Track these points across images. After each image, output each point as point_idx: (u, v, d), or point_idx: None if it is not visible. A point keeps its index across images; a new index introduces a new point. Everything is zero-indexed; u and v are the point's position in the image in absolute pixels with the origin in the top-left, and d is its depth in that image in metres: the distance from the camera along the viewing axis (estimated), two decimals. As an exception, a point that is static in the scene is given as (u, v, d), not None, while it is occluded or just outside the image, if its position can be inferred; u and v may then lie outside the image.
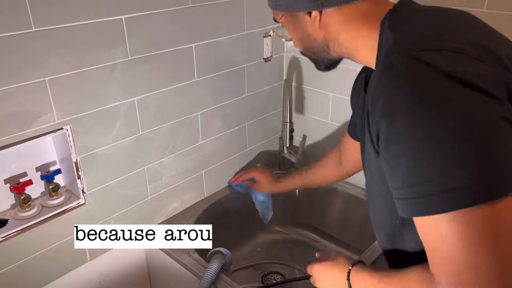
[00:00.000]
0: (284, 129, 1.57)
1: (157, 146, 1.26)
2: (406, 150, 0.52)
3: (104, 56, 1.05)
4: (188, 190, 1.42)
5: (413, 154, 0.51)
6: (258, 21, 1.42)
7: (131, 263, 1.33)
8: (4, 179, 1.03)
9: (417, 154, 0.51)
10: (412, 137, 0.51)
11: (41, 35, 0.92)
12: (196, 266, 1.18)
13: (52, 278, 1.13)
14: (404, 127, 0.52)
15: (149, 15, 1.10)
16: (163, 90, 1.21)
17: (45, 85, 0.96)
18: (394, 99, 0.53)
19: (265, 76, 1.53)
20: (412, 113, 0.51)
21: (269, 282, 1.41)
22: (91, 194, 1.14)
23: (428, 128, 0.50)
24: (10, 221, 1.03)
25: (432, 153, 0.50)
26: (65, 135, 1.03)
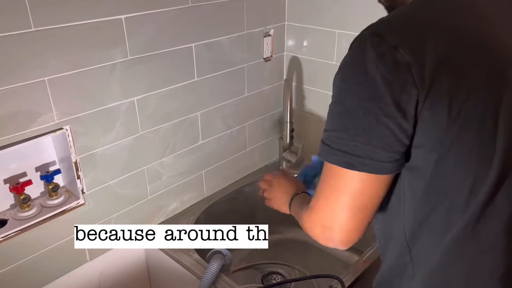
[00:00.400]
0: (284, 129, 1.57)
1: (157, 146, 1.26)
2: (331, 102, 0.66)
3: (104, 56, 1.05)
4: (188, 190, 1.41)
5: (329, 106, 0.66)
6: (258, 21, 1.42)
7: (131, 263, 1.33)
8: (4, 179, 1.03)
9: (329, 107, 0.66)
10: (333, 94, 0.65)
11: (40, 35, 0.92)
12: (196, 266, 1.18)
13: (52, 278, 1.13)
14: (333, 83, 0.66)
15: (149, 15, 1.10)
16: (163, 90, 1.21)
17: (44, 85, 0.96)
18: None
19: (265, 76, 1.53)
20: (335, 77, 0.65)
21: (269, 282, 1.41)
22: (91, 194, 1.13)
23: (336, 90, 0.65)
24: (10, 221, 1.02)
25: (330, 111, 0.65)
26: (65, 135, 1.03)
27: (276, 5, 1.46)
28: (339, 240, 0.67)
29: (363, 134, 0.60)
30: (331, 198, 0.66)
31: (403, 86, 0.58)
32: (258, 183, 1.06)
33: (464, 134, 0.60)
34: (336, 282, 1.08)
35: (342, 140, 0.62)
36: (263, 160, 1.67)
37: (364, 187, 0.63)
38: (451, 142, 0.60)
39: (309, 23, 1.47)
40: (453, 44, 0.61)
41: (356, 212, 0.64)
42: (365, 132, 0.60)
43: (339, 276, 1.09)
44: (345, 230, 0.66)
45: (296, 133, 1.63)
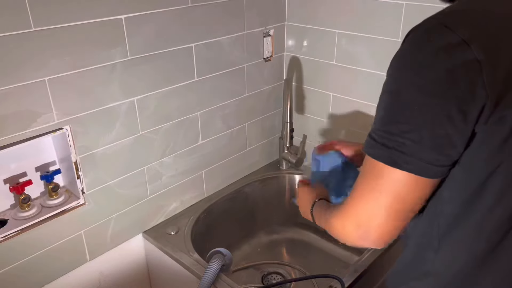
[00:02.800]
0: (284, 129, 1.57)
1: (157, 146, 1.26)
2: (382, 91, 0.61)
3: (104, 56, 1.05)
4: (188, 190, 1.41)
5: (380, 96, 0.61)
6: (258, 21, 1.42)
7: (131, 263, 1.33)
8: (4, 179, 1.03)
9: (380, 98, 0.61)
10: (385, 83, 0.60)
11: (40, 35, 0.92)
12: (196, 266, 1.18)
13: (52, 278, 1.13)
14: (388, 72, 0.60)
15: (149, 15, 1.10)
16: (163, 90, 1.21)
17: (44, 85, 0.96)
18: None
19: (265, 76, 1.53)
20: (391, 65, 0.59)
21: (269, 282, 1.41)
22: (91, 194, 1.13)
23: (390, 79, 0.59)
24: (10, 221, 1.03)
25: (382, 102, 0.60)
26: (65, 135, 1.03)
27: (276, 5, 1.46)
28: (372, 240, 0.63)
29: (415, 131, 0.55)
30: (370, 197, 0.62)
31: (470, 87, 0.52)
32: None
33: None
34: (336, 282, 1.08)
35: (390, 134, 0.58)
36: (263, 160, 1.67)
37: (407, 190, 0.59)
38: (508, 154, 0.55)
39: (309, 23, 1.47)
40: None
41: (395, 215, 0.61)
42: (418, 129, 0.55)
43: (339, 276, 1.09)
44: (381, 231, 0.62)
45: (296, 133, 1.63)
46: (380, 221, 0.61)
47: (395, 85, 0.58)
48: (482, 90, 0.52)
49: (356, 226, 0.64)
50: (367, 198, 0.62)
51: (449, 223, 0.64)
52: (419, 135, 0.55)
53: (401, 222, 0.62)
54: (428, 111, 0.55)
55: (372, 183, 0.61)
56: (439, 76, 0.53)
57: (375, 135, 0.60)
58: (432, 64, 0.54)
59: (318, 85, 1.54)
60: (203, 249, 1.27)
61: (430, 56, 0.54)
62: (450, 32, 0.54)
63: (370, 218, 0.62)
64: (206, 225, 1.42)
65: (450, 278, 0.66)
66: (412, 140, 0.56)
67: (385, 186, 0.60)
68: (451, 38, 0.53)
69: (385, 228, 0.62)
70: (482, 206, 0.60)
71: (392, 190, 0.59)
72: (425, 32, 0.56)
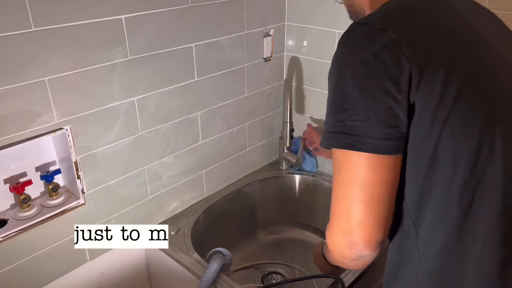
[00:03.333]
0: (284, 129, 1.57)
1: (157, 146, 1.26)
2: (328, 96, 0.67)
3: (104, 56, 1.05)
4: (188, 190, 1.41)
5: (327, 100, 0.67)
6: (258, 21, 1.42)
7: (131, 263, 1.33)
8: (4, 179, 1.03)
9: (328, 102, 0.66)
10: (328, 88, 0.67)
11: (40, 35, 0.92)
12: (196, 266, 1.18)
13: (52, 278, 1.13)
14: (328, 78, 0.67)
15: (149, 15, 1.10)
16: (163, 90, 1.21)
17: (44, 85, 0.96)
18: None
19: (265, 76, 1.53)
20: (330, 69, 0.67)
21: (269, 282, 1.41)
22: (91, 194, 1.13)
23: (331, 82, 0.66)
24: (10, 221, 1.02)
25: (328, 103, 0.66)
26: (65, 135, 1.03)
27: (276, 5, 1.46)
28: (361, 241, 0.63)
29: (361, 112, 0.61)
30: (342, 197, 0.64)
31: (395, 61, 0.59)
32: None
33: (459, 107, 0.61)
34: (336, 282, 1.08)
35: (340, 122, 0.62)
36: (263, 160, 1.67)
37: (369, 173, 0.61)
38: (447, 115, 0.61)
39: (309, 23, 1.47)
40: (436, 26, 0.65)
41: (369, 204, 0.62)
42: (363, 109, 0.61)
43: (339, 276, 1.09)
44: (364, 228, 0.62)
45: (296, 133, 1.63)
46: (358, 217, 0.62)
47: (333, 81, 0.65)
48: (405, 62, 0.59)
49: (342, 233, 0.65)
50: (340, 197, 0.64)
51: (417, 204, 0.66)
52: (366, 114, 0.60)
53: (379, 215, 0.63)
54: (367, 91, 0.60)
55: (339, 180, 0.64)
56: (367, 59, 0.61)
57: (328, 127, 0.64)
58: (358, 52, 0.62)
59: (318, 85, 1.54)
60: (203, 249, 1.27)
61: (354, 47, 0.63)
62: (369, 26, 0.63)
63: (348, 218, 0.63)
64: (206, 225, 1.42)
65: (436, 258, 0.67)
66: (361, 121, 0.60)
67: (349, 177, 0.63)
68: (370, 29, 0.62)
69: (365, 224, 0.62)
70: (441, 174, 0.63)
71: (358, 180, 0.62)
72: (348, 33, 0.65)
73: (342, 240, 0.65)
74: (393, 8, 0.67)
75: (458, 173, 0.62)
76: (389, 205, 0.64)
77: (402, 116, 0.61)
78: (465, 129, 0.61)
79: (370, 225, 0.63)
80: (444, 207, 0.64)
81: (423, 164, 0.63)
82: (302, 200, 1.63)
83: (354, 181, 0.62)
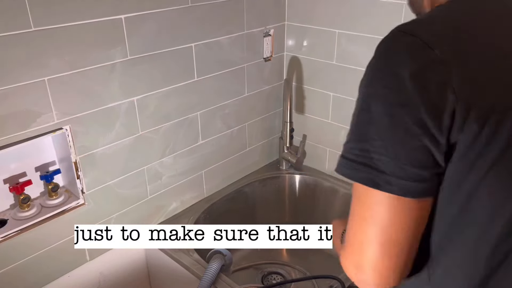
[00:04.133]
0: (284, 129, 1.57)
1: (157, 146, 1.26)
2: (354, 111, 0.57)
3: (104, 56, 1.05)
4: (188, 190, 1.41)
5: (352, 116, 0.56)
6: (258, 21, 1.42)
7: (131, 263, 1.33)
8: (4, 179, 1.03)
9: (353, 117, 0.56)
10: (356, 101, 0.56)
11: (40, 35, 0.92)
12: (196, 266, 1.18)
13: (52, 278, 1.13)
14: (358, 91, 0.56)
15: (149, 15, 1.10)
16: (162, 90, 1.21)
17: (44, 85, 0.96)
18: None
19: (265, 76, 1.53)
20: (361, 81, 0.55)
21: (269, 282, 1.41)
22: (91, 194, 1.13)
23: (360, 96, 0.55)
24: (10, 221, 1.02)
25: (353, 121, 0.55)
26: (65, 135, 1.03)
27: (276, 5, 1.46)
28: (373, 283, 0.56)
29: (389, 147, 0.51)
30: (359, 231, 0.56)
31: (439, 89, 0.49)
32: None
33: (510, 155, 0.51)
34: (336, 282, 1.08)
35: (365, 152, 0.53)
36: (263, 160, 1.67)
37: (392, 215, 0.53)
38: (491, 163, 0.51)
39: (309, 23, 1.47)
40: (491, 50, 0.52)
41: (387, 247, 0.54)
42: (391, 144, 0.51)
43: (339, 276, 1.09)
44: (377, 270, 0.55)
45: (296, 133, 1.63)
46: (372, 259, 0.55)
47: (364, 101, 0.54)
48: (451, 93, 0.48)
49: (354, 267, 0.58)
50: (356, 231, 0.57)
51: (437, 249, 0.59)
52: (394, 151, 0.51)
53: (397, 259, 0.55)
54: (398, 122, 0.50)
55: (358, 215, 0.56)
56: (403, 82, 0.50)
57: (350, 155, 0.55)
58: (395, 72, 0.50)
59: (318, 85, 1.54)
60: (203, 249, 1.27)
61: (392, 64, 0.51)
62: (413, 38, 0.51)
63: (362, 256, 0.56)
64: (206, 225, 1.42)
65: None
66: (388, 157, 0.51)
67: (369, 213, 0.54)
68: (413, 43, 0.50)
69: (380, 267, 0.55)
70: (472, 228, 0.55)
71: (378, 219, 0.53)
72: (386, 41, 0.53)
73: (354, 275, 0.59)
74: (445, 17, 0.55)
75: (493, 230, 0.53)
76: (410, 250, 0.55)
77: (438, 158, 0.51)
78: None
79: (385, 268, 0.55)
80: (468, 261, 0.56)
81: (452, 211, 0.55)
82: (302, 200, 1.63)
83: (372, 218, 0.54)
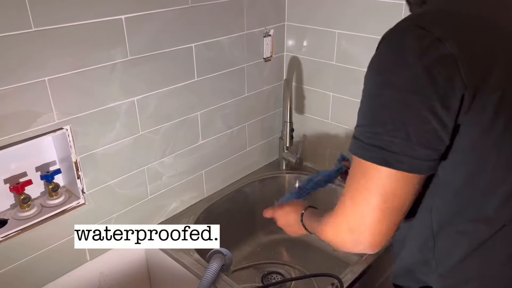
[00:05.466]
0: (284, 129, 1.57)
1: (157, 146, 1.26)
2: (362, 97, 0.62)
3: (104, 56, 1.05)
4: (188, 190, 1.42)
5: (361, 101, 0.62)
6: (258, 21, 1.42)
7: (131, 263, 1.33)
8: (4, 179, 1.03)
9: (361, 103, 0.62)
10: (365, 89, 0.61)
11: (40, 35, 0.92)
12: (196, 266, 1.18)
13: (52, 278, 1.13)
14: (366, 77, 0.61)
15: (149, 15, 1.10)
16: (163, 90, 1.21)
17: (44, 85, 0.96)
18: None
19: (265, 76, 1.53)
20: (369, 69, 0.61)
21: (269, 282, 1.41)
22: (91, 194, 1.14)
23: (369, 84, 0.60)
24: (10, 221, 1.02)
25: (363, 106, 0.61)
26: (65, 135, 1.03)
27: (276, 5, 1.46)
28: (368, 243, 0.63)
29: (402, 129, 0.56)
30: (359, 199, 0.62)
31: (449, 80, 0.54)
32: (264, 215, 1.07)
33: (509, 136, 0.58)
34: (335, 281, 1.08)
35: (377, 135, 0.58)
36: (263, 160, 1.67)
37: (398, 187, 0.59)
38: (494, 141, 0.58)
39: (309, 23, 1.47)
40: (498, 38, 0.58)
41: (387, 214, 0.61)
42: (404, 127, 0.56)
43: (339, 275, 1.09)
44: (374, 233, 0.62)
45: (296, 133, 1.63)
46: (371, 223, 0.61)
47: (376, 88, 0.59)
48: (459, 83, 0.54)
49: (349, 231, 0.64)
50: (357, 201, 0.62)
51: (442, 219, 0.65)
52: (406, 133, 0.56)
53: (392, 223, 0.62)
54: (412, 108, 0.56)
55: (361, 184, 0.61)
56: (417, 73, 0.55)
57: (362, 137, 0.60)
58: (409, 63, 0.55)
59: (318, 85, 1.54)
60: (203, 249, 1.27)
61: (406, 56, 0.56)
62: (424, 31, 0.56)
63: (361, 221, 0.62)
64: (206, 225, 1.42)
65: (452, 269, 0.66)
66: (401, 139, 0.56)
67: (374, 186, 0.60)
68: (425, 36, 0.55)
69: (377, 230, 0.62)
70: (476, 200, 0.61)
71: (383, 190, 0.59)
72: (399, 33, 0.58)
73: (348, 238, 0.65)
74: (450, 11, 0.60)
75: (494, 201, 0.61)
76: (403, 215, 0.63)
77: (445, 139, 0.58)
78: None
79: (380, 232, 0.62)
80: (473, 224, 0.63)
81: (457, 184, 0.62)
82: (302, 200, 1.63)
83: (377, 190, 0.60)
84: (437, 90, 0.54)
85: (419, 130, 0.56)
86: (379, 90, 0.59)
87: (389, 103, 0.57)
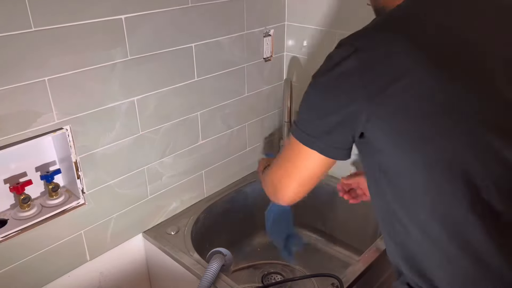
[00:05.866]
0: (284, 129, 1.57)
1: (157, 146, 1.26)
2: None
3: (104, 56, 1.05)
4: (188, 190, 1.42)
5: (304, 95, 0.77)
6: (258, 21, 1.42)
7: (131, 263, 1.33)
8: (4, 179, 1.03)
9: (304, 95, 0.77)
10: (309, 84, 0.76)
11: (40, 35, 0.92)
12: (196, 266, 1.18)
13: (52, 278, 1.13)
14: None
15: (149, 15, 1.10)
16: (163, 90, 1.21)
17: (44, 85, 0.96)
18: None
19: (265, 76, 1.53)
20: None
21: (269, 282, 1.41)
22: (91, 194, 1.14)
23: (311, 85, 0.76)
24: (10, 221, 1.02)
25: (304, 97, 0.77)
26: (65, 135, 1.03)
27: (276, 5, 1.46)
28: (283, 202, 0.83)
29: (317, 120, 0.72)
30: (284, 171, 0.79)
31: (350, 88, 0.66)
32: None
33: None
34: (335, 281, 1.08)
35: (305, 121, 0.74)
36: (263, 160, 1.67)
37: (311, 164, 0.75)
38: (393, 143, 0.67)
39: (309, 23, 1.47)
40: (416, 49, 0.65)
41: (302, 185, 0.78)
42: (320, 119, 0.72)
43: (339, 276, 1.09)
44: (288, 196, 0.81)
45: (296, 133, 1.63)
46: (288, 190, 0.80)
47: (308, 88, 0.76)
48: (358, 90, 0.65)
49: (272, 188, 0.83)
50: (282, 166, 0.80)
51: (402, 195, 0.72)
52: (321, 123, 0.71)
53: (304, 192, 0.80)
54: (324, 106, 0.71)
55: (287, 156, 0.79)
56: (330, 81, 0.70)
57: (298, 123, 0.75)
58: (326, 72, 0.70)
59: (318, 85, 1.53)
60: (203, 249, 1.27)
61: (327, 66, 0.71)
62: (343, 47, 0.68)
63: (281, 185, 0.80)
64: (206, 225, 1.42)
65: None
66: (317, 125, 0.72)
67: (295, 159, 0.77)
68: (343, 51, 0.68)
69: (292, 194, 0.80)
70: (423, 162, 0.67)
71: (300, 162, 0.76)
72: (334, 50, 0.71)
73: (269, 189, 0.85)
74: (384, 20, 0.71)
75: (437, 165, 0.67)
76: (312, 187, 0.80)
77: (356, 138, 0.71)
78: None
79: (294, 195, 0.81)
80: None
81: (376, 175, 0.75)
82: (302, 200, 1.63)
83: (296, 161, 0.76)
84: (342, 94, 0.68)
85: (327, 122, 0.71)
86: (308, 90, 0.76)
87: (312, 101, 0.74)
